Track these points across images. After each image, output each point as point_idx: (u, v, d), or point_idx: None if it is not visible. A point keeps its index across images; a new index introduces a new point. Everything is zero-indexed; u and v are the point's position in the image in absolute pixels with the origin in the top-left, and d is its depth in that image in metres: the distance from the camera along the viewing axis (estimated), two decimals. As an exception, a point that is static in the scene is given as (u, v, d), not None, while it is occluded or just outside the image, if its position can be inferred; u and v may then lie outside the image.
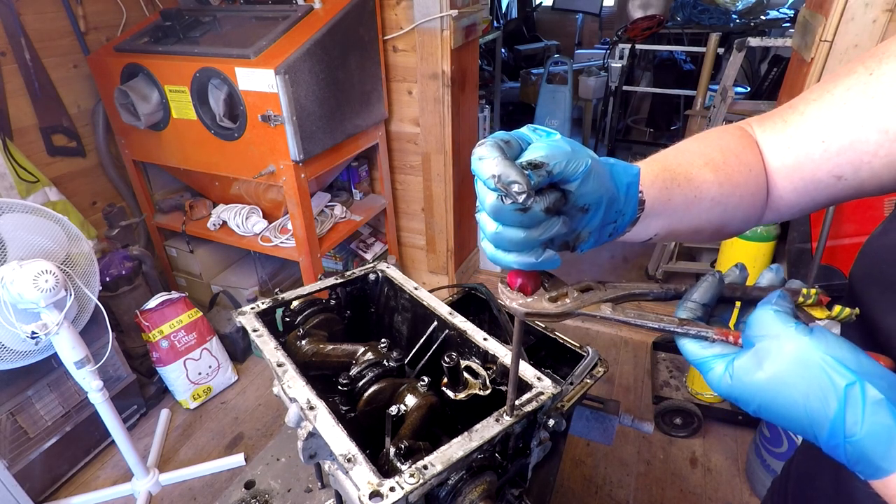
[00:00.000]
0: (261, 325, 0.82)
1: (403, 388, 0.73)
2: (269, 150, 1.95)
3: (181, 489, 1.93)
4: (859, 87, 0.48)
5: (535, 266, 0.42)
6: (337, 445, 0.59)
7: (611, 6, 5.51)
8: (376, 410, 0.72)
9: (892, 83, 0.45)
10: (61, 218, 1.57)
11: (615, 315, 0.42)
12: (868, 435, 0.32)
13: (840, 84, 0.50)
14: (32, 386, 1.84)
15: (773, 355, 0.35)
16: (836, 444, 0.34)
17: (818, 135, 0.51)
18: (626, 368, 2.42)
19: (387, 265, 0.98)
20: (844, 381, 0.33)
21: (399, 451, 0.61)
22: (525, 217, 0.38)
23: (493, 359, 0.75)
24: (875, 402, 0.32)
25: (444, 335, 0.83)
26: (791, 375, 0.35)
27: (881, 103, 0.46)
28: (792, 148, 0.53)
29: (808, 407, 0.34)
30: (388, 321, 0.99)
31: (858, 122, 0.47)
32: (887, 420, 0.32)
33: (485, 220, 0.40)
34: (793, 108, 0.54)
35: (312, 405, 0.65)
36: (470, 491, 0.60)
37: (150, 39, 2.15)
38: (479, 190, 0.39)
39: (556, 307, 0.43)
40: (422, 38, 2.25)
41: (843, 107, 0.49)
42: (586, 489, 1.87)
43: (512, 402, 0.62)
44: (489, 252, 0.42)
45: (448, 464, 0.56)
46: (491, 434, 0.60)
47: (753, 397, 0.37)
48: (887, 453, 0.32)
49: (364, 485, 0.54)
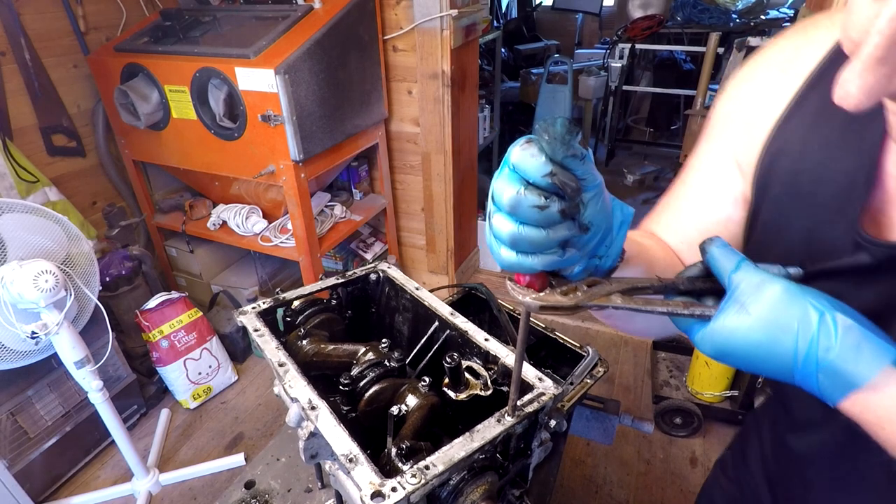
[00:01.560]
0: (262, 325, 0.82)
1: (404, 389, 0.73)
2: (269, 149, 1.95)
3: (181, 489, 1.93)
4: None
5: (558, 264, 0.42)
6: (338, 445, 0.59)
7: (611, 6, 5.50)
8: (377, 410, 0.72)
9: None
10: (61, 218, 1.57)
11: (626, 304, 0.44)
12: (840, 355, 0.37)
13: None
14: (32, 386, 1.84)
15: (757, 299, 0.40)
16: (808, 373, 0.38)
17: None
18: (626, 368, 2.42)
19: (388, 265, 0.98)
20: (819, 313, 0.38)
21: (400, 452, 0.61)
22: (542, 216, 0.38)
23: (494, 359, 0.75)
24: (846, 326, 0.37)
25: (445, 336, 0.84)
26: (774, 313, 0.39)
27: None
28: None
29: (787, 341, 0.38)
30: (388, 321, 0.99)
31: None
32: (858, 339, 0.37)
33: (500, 223, 0.40)
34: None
35: (314, 405, 0.65)
36: (471, 491, 0.60)
37: (150, 39, 2.15)
38: (496, 188, 0.39)
39: (570, 300, 0.44)
40: (422, 37, 2.24)
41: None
42: (586, 489, 1.87)
43: (514, 402, 0.62)
44: (507, 258, 0.41)
45: (450, 464, 0.56)
46: (493, 434, 0.60)
47: (740, 342, 0.40)
48: (857, 368, 0.37)
49: (366, 485, 0.54)
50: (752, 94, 0.56)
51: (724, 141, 0.59)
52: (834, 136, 0.49)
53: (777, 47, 0.56)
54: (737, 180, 0.58)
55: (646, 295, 0.46)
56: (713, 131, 0.61)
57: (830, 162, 0.49)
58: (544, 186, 0.37)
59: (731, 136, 0.58)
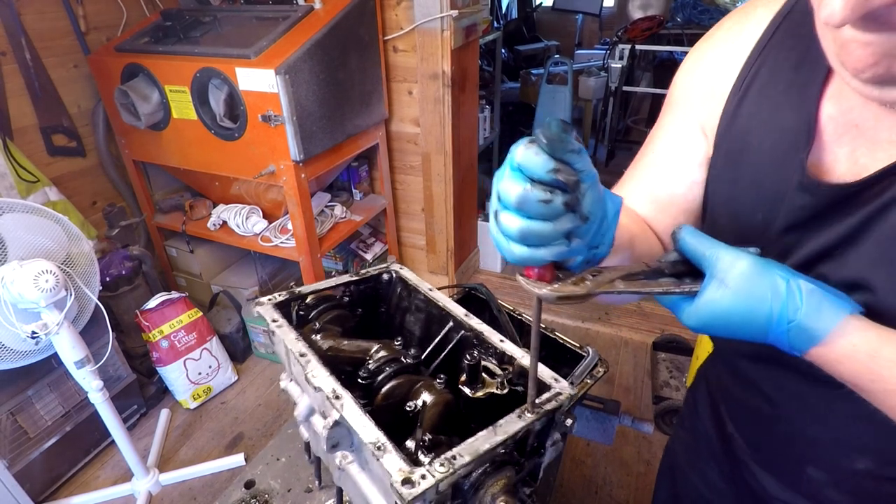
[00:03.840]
0: (280, 316, 0.83)
1: (420, 385, 0.74)
2: (270, 150, 1.95)
3: (181, 489, 1.93)
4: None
5: (566, 254, 0.44)
6: (366, 434, 0.60)
7: (611, 6, 5.51)
8: (392, 406, 0.73)
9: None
10: (61, 218, 1.57)
11: (628, 288, 0.47)
12: (806, 314, 0.44)
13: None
14: (32, 386, 1.84)
15: (732, 272, 0.45)
16: (781, 331, 0.45)
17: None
18: (626, 368, 2.42)
19: (400, 266, 0.99)
20: (785, 281, 0.44)
21: (422, 444, 0.62)
22: (548, 209, 0.41)
23: (510, 360, 0.76)
24: (809, 290, 0.44)
25: (459, 336, 0.84)
26: (749, 284, 0.45)
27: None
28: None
29: (761, 306, 0.44)
30: (398, 321, 0.99)
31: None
32: (819, 300, 0.44)
33: (509, 220, 0.42)
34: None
35: (338, 394, 0.66)
36: (491, 484, 0.61)
37: (150, 39, 2.15)
38: (503, 188, 0.41)
39: (581, 288, 0.46)
40: (422, 38, 2.25)
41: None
42: (586, 489, 1.87)
43: (533, 398, 0.63)
44: (519, 253, 0.43)
45: (475, 455, 0.58)
46: (515, 429, 0.61)
47: (722, 313, 0.46)
48: (819, 323, 0.44)
49: (395, 472, 0.54)
50: (708, 66, 0.63)
51: (687, 109, 0.65)
52: (779, 96, 0.55)
53: (723, 28, 0.63)
54: (701, 144, 0.64)
55: (639, 279, 0.49)
56: (675, 102, 0.67)
57: (776, 119, 0.55)
58: (548, 182, 0.40)
59: (693, 103, 0.64)
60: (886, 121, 0.49)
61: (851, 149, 0.51)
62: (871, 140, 0.50)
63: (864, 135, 0.50)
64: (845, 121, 0.51)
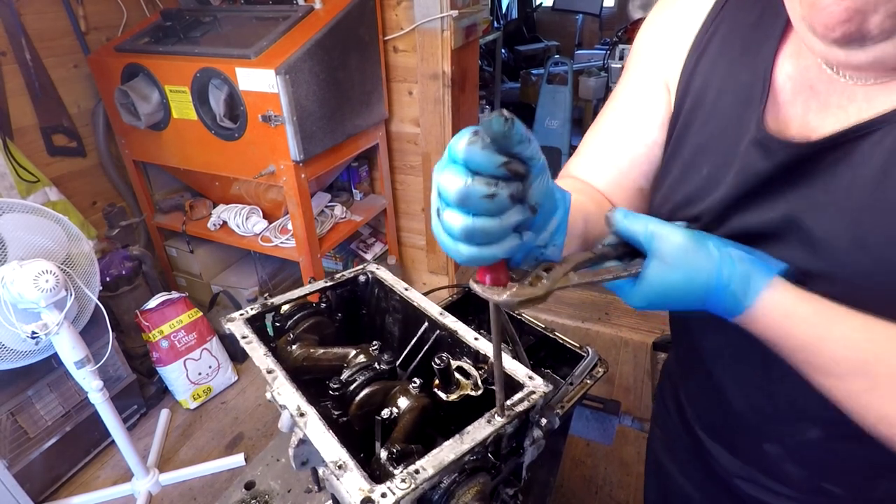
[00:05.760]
0: (250, 332, 0.80)
1: (395, 391, 0.73)
2: (270, 150, 1.95)
3: (181, 489, 1.93)
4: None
5: (518, 249, 0.41)
6: (328, 452, 0.59)
7: (611, 6, 5.51)
8: (369, 414, 0.72)
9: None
10: (61, 218, 1.57)
11: (582, 279, 0.47)
12: (737, 281, 0.46)
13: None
14: (32, 386, 1.84)
15: (669, 248, 0.47)
16: (717, 299, 0.47)
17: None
18: (626, 368, 2.42)
19: (376, 266, 0.97)
20: (718, 251, 0.47)
21: (391, 455, 0.61)
22: (493, 204, 0.37)
23: (484, 358, 0.75)
24: (739, 257, 0.47)
25: (435, 335, 0.83)
26: (686, 257, 0.47)
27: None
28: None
29: (698, 276, 0.46)
30: (379, 322, 0.98)
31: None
32: (748, 266, 0.47)
33: (452, 218, 0.38)
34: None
35: (303, 412, 0.64)
36: (463, 493, 0.60)
37: (150, 39, 2.15)
38: (442, 183, 0.37)
39: (540, 289, 0.43)
40: (422, 38, 2.25)
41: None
42: (586, 489, 1.87)
43: (501, 402, 0.61)
44: (466, 252, 0.39)
45: (440, 467, 0.56)
46: (482, 436, 0.60)
47: (665, 287, 0.47)
48: (747, 291, 0.46)
49: (355, 491, 0.54)
50: (668, 24, 0.63)
51: (650, 65, 0.65)
52: (735, 55, 0.56)
53: None
54: (663, 100, 0.63)
55: (588, 267, 0.49)
56: (637, 60, 0.66)
57: (732, 77, 0.56)
58: (491, 173, 0.36)
59: (656, 59, 0.64)
60: (837, 85, 0.49)
61: (804, 109, 0.51)
62: (823, 104, 0.50)
63: (817, 97, 0.50)
64: (802, 80, 0.51)
